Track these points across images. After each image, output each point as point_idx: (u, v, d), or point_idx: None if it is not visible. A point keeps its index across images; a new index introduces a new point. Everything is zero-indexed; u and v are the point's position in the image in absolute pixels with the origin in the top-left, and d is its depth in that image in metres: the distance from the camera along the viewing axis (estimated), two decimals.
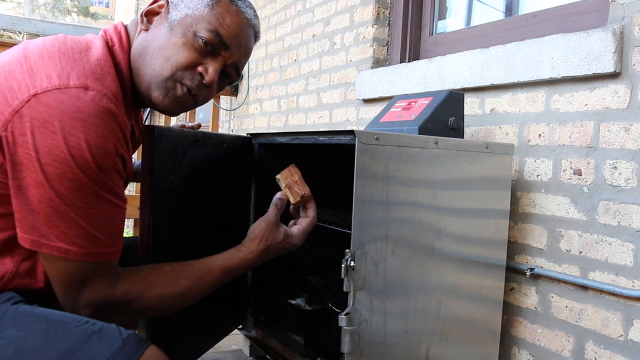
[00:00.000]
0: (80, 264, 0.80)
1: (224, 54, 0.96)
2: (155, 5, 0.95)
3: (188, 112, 3.37)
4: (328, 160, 1.58)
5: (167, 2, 0.95)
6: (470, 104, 1.52)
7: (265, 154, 1.50)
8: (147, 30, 0.94)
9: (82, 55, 0.82)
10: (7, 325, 0.76)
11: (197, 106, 1.03)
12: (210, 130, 3.33)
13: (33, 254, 0.85)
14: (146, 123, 1.35)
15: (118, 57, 0.90)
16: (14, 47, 0.86)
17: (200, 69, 0.94)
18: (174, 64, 0.91)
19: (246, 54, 1.02)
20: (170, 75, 0.92)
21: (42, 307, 0.82)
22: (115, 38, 0.92)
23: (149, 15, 0.95)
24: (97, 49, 0.87)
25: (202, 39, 0.92)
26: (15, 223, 0.79)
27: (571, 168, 1.25)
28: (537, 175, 1.33)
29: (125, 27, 0.96)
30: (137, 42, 0.94)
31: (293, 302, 1.39)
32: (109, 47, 0.89)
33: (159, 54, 0.91)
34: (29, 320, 0.78)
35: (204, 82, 0.94)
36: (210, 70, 0.94)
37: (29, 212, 0.76)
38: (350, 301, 1.03)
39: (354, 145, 1.02)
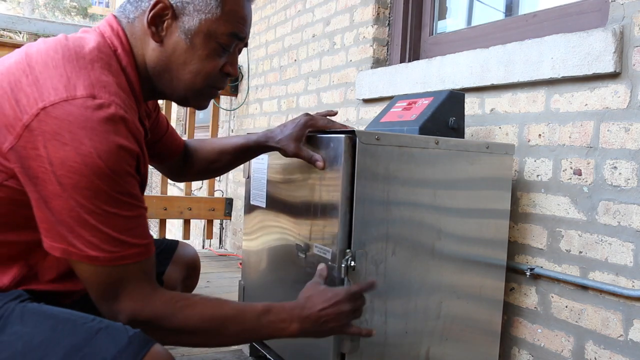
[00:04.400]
0: (111, 269, 0.80)
1: (240, 43, 0.98)
2: (157, 9, 0.90)
3: (188, 112, 3.37)
4: None
5: (171, 6, 0.90)
6: (471, 104, 1.52)
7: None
8: (159, 41, 0.91)
9: (87, 62, 0.82)
10: (15, 322, 0.78)
11: None
12: (210, 130, 3.33)
13: (39, 260, 0.87)
14: None
15: (123, 62, 0.89)
16: (16, 52, 0.85)
17: (226, 69, 0.97)
18: (205, 76, 0.95)
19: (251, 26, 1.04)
20: (203, 86, 0.95)
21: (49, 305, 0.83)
22: (117, 42, 0.90)
23: (155, 22, 0.90)
24: (101, 53, 0.85)
25: (224, 45, 0.94)
26: (42, 232, 0.80)
27: (571, 168, 1.25)
28: (537, 175, 1.33)
29: (120, 25, 0.92)
30: (154, 56, 0.92)
31: None
32: (112, 51, 0.88)
33: (186, 69, 0.93)
34: (36, 318, 0.79)
35: (230, 76, 1.00)
36: (235, 66, 0.98)
37: (54, 222, 0.78)
38: None
39: (355, 145, 1.02)
